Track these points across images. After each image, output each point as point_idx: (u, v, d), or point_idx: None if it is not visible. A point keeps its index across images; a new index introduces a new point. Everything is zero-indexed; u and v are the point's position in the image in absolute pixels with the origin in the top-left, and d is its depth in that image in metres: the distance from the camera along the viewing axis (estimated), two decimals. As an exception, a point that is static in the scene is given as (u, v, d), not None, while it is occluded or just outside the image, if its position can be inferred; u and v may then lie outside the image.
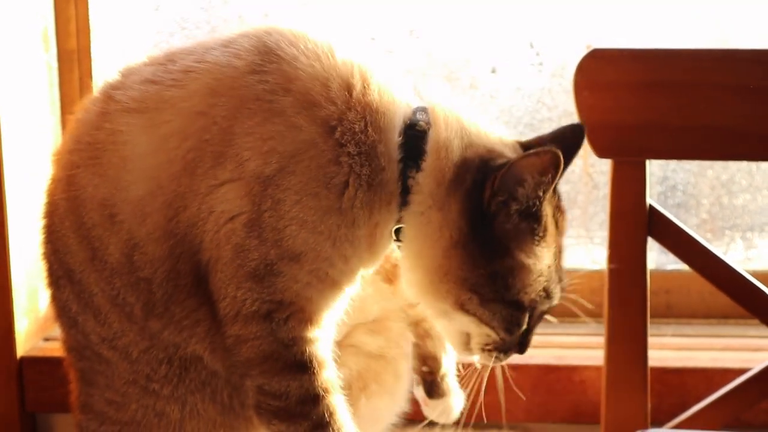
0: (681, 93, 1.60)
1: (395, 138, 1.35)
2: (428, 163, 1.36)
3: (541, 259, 1.39)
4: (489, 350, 1.43)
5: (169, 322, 1.38)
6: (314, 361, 1.35)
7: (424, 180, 1.36)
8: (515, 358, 1.47)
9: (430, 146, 1.36)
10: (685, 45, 2.17)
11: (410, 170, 1.35)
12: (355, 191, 1.32)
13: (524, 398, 1.81)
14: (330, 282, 1.34)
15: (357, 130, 1.31)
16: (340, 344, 1.49)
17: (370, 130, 1.32)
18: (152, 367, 1.41)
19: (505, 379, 1.54)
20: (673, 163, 2.22)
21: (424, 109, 1.39)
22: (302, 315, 1.34)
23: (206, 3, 2.29)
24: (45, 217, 1.46)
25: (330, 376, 1.37)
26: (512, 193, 1.34)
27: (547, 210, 1.40)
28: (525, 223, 1.37)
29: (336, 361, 1.42)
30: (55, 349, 2.12)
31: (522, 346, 1.45)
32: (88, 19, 2.19)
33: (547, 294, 1.42)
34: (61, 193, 1.41)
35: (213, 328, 1.37)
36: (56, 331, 2.19)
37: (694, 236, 1.65)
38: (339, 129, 1.31)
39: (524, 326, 1.42)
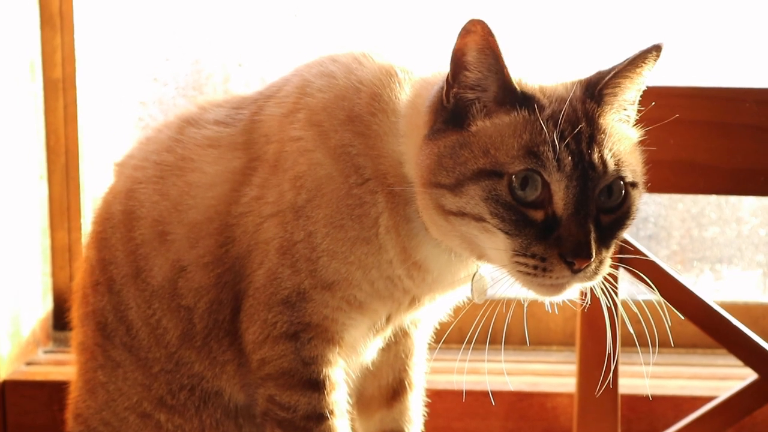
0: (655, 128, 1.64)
1: (397, 147, 1.32)
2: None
3: (498, 122, 1.25)
4: (517, 261, 1.22)
5: (205, 356, 1.42)
6: (328, 382, 1.38)
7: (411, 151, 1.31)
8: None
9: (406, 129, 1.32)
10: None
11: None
12: (376, 219, 1.33)
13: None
14: (357, 305, 1.38)
15: (354, 153, 1.32)
16: None
17: (364, 148, 1.32)
18: (171, 389, 1.44)
19: (479, 405, 1.56)
20: (644, 196, 2.25)
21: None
22: (326, 335, 1.38)
23: (190, 35, 2.33)
24: (97, 224, 1.50)
25: (339, 399, 1.40)
26: (461, 82, 1.25)
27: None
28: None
29: None
30: (38, 373, 2.14)
31: (565, 246, 1.21)
32: (73, 49, 2.23)
33: (536, 156, 1.21)
34: (118, 204, 1.46)
35: (242, 365, 1.41)
36: (39, 355, 2.22)
37: (665, 268, 1.69)
38: (343, 157, 1.33)
39: (528, 209, 1.22)
